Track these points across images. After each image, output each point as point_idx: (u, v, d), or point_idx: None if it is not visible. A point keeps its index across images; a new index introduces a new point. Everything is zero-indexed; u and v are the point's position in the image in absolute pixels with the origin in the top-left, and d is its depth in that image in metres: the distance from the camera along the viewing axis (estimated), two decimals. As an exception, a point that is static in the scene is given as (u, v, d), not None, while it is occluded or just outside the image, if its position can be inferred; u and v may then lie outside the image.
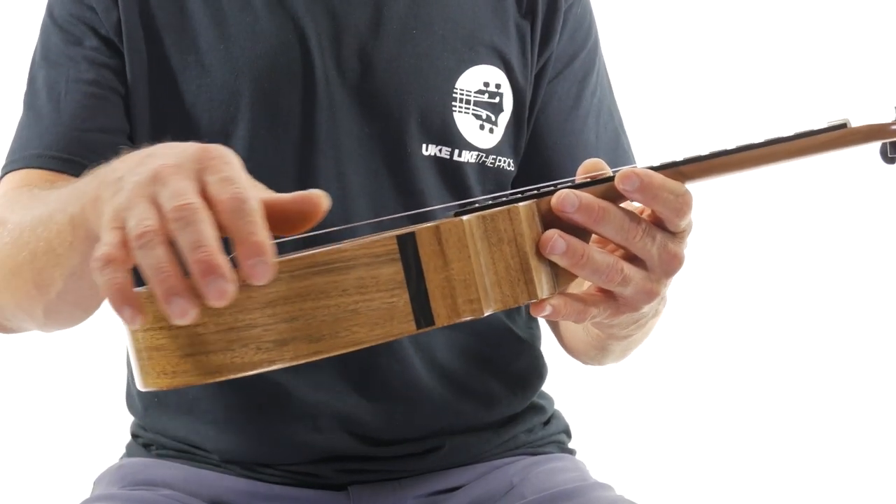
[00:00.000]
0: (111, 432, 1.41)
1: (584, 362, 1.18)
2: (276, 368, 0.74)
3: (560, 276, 0.83)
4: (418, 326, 0.77)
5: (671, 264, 0.83)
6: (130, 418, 1.23)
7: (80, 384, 2.25)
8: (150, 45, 1.10)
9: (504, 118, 1.14)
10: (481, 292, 0.78)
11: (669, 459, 2.28)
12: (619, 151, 1.20)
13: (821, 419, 2.33)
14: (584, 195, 0.80)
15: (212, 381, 0.75)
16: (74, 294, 0.88)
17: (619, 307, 0.84)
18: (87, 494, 1.16)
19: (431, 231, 0.77)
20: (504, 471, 1.15)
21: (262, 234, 0.69)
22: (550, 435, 1.22)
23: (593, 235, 0.83)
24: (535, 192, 0.83)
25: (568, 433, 1.25)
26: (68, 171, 1.05)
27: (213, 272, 0.66)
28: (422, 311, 0.77)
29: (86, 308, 0.94)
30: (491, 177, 1.14)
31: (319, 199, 0.75)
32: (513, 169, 1.16)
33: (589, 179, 0.83)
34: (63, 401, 2.28)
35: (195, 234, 0.67)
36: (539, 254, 0.81)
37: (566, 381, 1.38)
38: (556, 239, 0.79)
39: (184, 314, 0.67)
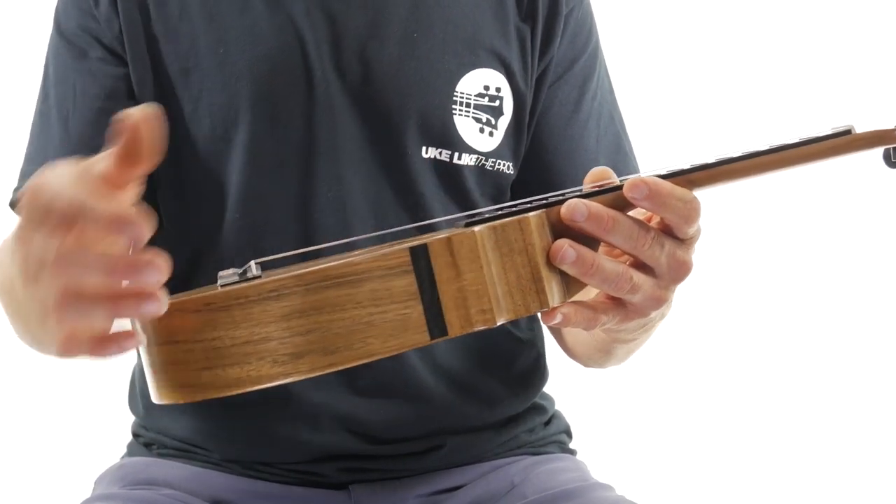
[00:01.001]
0: (112, 432, 1.41)
1: (586, 365, 1.18)
2: (292, 381, 0.75)
3: (570, 284, 0.84)
4: (432, 337, 0.78)
5: (679, 271, 0.84)
6: (131, 418, 1.23)
7: (81, 384, 2.25)
8: (151, 53, 1.10)
9: (504, 122, 1.14)
10: (493, 302, 0.79)
11: (670, 460, 2.29)
12: (620, 155, 1.19)
13: (821, 419, 2.33)
14: (592, 204, 0.81)
15: (229, 394, 0.76)
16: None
17: (629, 313, 0.85)
18: (87, 494, 1.16)
19: (444, 242, 0.78)
20: (505, 471, 1.15)
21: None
22: (551, 435, 1.22)
23: (602, 243, 0.83)
24: (544, 201, 0.84)
25: (569, 433, 1.26)
26: None
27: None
28: (435, 321, 0.78)
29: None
30: (490, 180, 1.14)
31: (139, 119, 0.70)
32: (512, 172, 1.16)
33: (597, 188, 0.83)
34: (64, 401, 2.28)
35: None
36: (549, 263, 0.82)
37: (567, 382, 1.38)
38: (566, 248, 0.80)
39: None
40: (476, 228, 0.79)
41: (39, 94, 1.15)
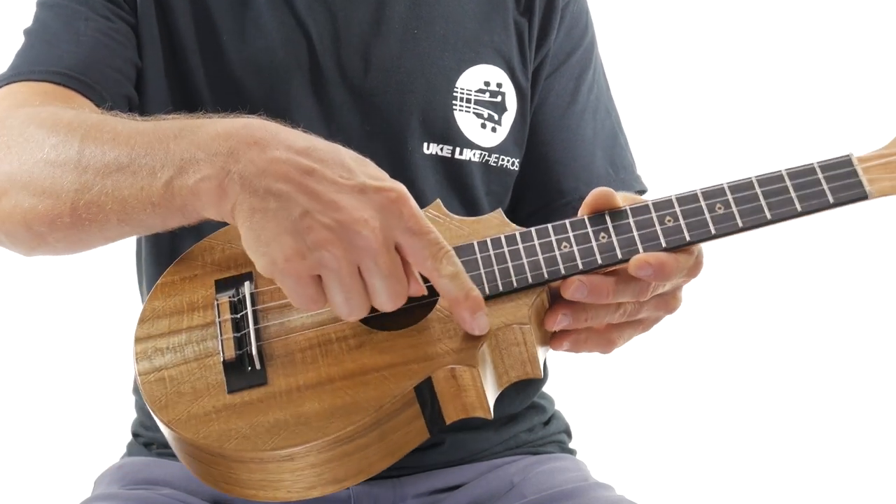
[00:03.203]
0: (112, 432, 1.42)
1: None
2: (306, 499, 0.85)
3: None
4: (431, 433, 0.85)
5: (671, 305, 0.92)
6: (131, 418, 1.23)
7: (81, 384, 2.25)
8: (161, 23, 1.10)
9: (509, 118, 1.14)
10: (490, 401, 0.86)
11: (669, 459, 2.28)
12: (616, 149, 1.20)
13: (820, 419, 2.33)
14: (592, 280, 0.85)
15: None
16: (115, 234, 0.89)
17: (644, 326, 0.93)
18: (87, 494, 1.16)
19: (448, 375, 0.84)
20: (505, 470, 1.15)
21: (475, 289, 0.82)
22: (551, 435, 1.22)
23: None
24: (552, 254, 0.87)
25: (568, 433, 1.26)
26: (87, 95, 1.03)
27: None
28: (435, 423, 0.85)
29: (105, 243, 0.94)
30: (495, 177, 1.14)
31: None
32: (516, 169, 1.16)
33: (600, 261, 0.86)
34: (64, 401, 2.28)
35: (386, 302, 0.81)
36: (541, 325, 0.88)
37: (566, 382, 1.39)
38: (559, 317, 0.87)
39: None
40: (476, 359, 0.84)
41: (35, 17, 1.10)
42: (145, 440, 1.19)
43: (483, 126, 1.13)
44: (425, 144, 1.11)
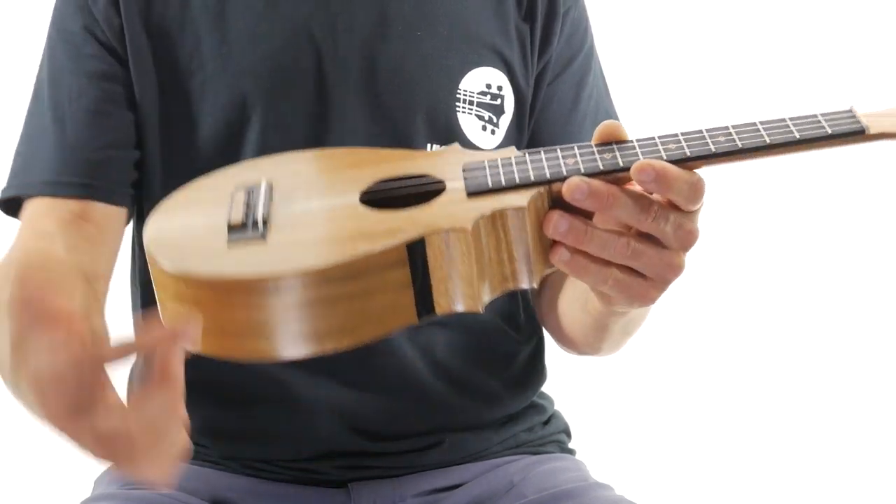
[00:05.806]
0: (111, 432, 1.41)
1: (581, 350, 1.16)
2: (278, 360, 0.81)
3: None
4: (419, 318, 0.82)
5: (687, 240, 0.85)
6: (131, 418, 1.23)
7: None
8: (154, 52, 1.10)
9: (506, 120, 1.15)
10: (481, 288, 0.83)
11: (669, 459, 2.29)
12: None
13: (821, 419, 2.33)
14: (593, 182, 0.82)
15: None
16: None
17: (652, 286, 0.86)
18: (87, 494, 1.16)
19: (441, 238, 0.81)
20: (504, 470, 1.15)
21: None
22: (550, 434, 1.22)
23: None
24: (556, 162, 0.85)
25: (568, 433, 1.26)
26: (87, 196, 1.07)
27: None
28: (424, 304, 0.82)
29: None
30: None
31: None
32: None
33: (602, 168, 0.84)
34: (63, 401, 2.27)
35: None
36: (542, 234, 0.84)
37: (566, 382, 1.38)
38: (556, 219, 0.82)
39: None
40: (470, 225, 0.81)
41: (33, 92, 1.14)
42: (145, 440, 1.19)
43: (483, 128, 1.14)
44: (429, 145, 1.12)
